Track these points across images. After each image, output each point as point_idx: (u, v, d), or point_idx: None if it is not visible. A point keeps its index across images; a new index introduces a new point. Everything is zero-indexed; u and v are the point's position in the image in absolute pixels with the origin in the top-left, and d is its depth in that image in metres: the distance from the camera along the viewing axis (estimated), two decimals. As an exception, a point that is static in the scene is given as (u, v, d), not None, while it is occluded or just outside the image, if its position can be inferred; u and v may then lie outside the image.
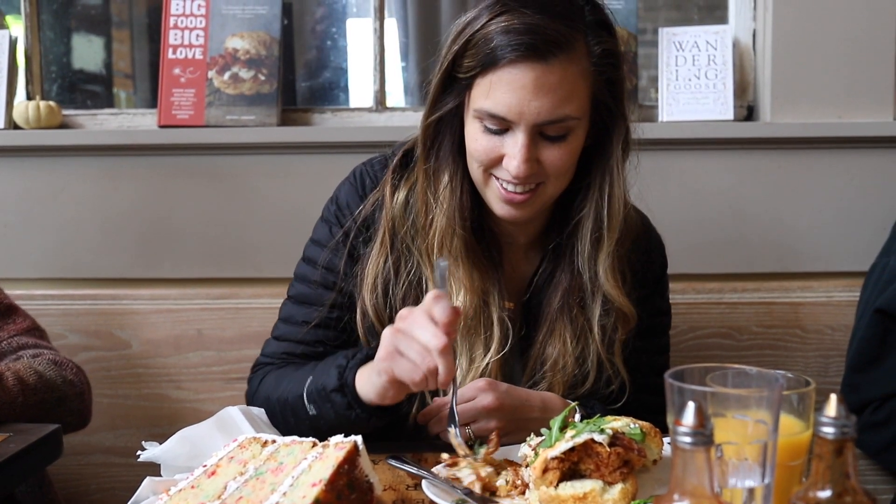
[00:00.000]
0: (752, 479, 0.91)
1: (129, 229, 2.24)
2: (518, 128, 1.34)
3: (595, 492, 1.08)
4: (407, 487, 1.23)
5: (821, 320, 2.14)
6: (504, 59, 1.31)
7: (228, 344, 2.11)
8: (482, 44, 1.33)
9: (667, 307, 1.66)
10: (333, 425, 1.35)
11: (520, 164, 1.34)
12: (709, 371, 0.97)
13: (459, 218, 1.44)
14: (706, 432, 0.79)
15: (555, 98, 1.32)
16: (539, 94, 1.31)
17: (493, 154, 1.38)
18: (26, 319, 1.81)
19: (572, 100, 1.34)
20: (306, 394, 1.40)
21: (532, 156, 1.35)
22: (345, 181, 1.58)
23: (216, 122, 2.22)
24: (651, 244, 1.62)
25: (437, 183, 1.45)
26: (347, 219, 1.52)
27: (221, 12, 2.26)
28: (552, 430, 1.15)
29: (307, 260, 1.57)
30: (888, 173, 2.18)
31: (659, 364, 1.58)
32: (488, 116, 1.35)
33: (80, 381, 1.70)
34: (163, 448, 1.25)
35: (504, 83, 1.32)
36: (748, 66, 2.28)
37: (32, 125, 2.22)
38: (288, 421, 1.44)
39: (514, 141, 1.35)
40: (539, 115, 1.33)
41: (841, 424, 0.82)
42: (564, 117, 1.34)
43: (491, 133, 1.37)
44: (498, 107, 1.33)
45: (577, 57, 1.34)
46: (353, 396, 1.35)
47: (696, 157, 2.21)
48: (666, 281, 1.65)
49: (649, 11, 2.50)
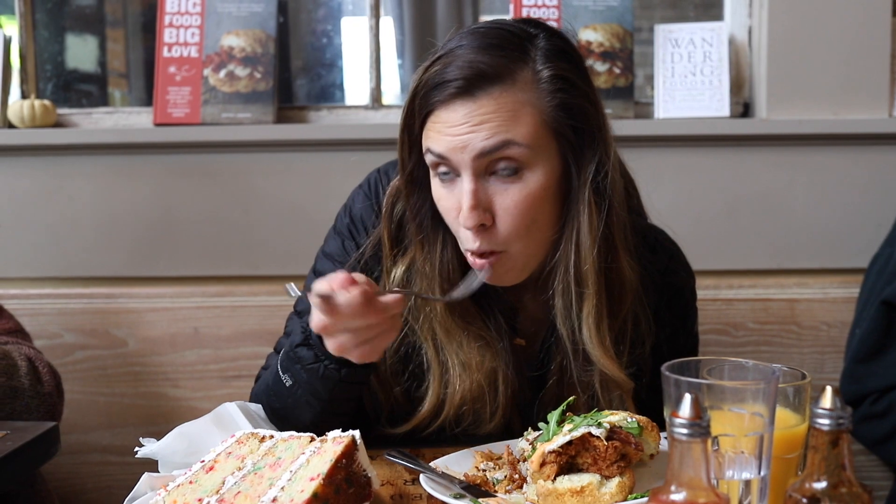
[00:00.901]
0: (749, 471, 0.91)
1: (124, 228, 2.24)
2: (462, 168, 1.24)
3: (592, 485, 1.08)
4: (405, 482, 1.23)
5: (817, 317, 2.14)
6: (434, 104, 1.25)
7: (225, 342, 2.11)
8: (421, 94, 1.27)
9: (693, 343, 1.52)
10: (308, 390, 1.31)
11: (466, 210, 1.23)
12: (705, 364, 0.98)
13: (447, 280, 1.34)
14: (703, 424, 0.79)
15: (490, 127, 1.22)
16: (472, 128, 1.22)
17: (453, 209, 1.27)
18: (10, 321, 1.80)
19: (514, 126, 1.23)
20: (279, 366, 1.35)
21: (479, 202, 1.24)
22: (358, 190, 1.50)
23: (212, 120, 2.22)
24: (678, 280, 1.46)
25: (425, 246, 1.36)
26: (361, 234, 1.45)
27: (217, 10, 2.25)
28: (550, 424, 1.15)
29: (317, 273, 1.47)
30: (884, 170, 2.19)
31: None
32: (436, 161, 1.27)
33: (50, 380, 1.67)
34: (160, 444, 1.25)
35: (439, 125, 1.25)
36: (744, 63, 2.28)
37: (27, 124, 2.22)
38: (274, 407, 1.39)
39: (461, 187, 1.25)
40: (474, 146, 1.22)
41: (836, 416, 0.82)
42: (503, 143, 1.22)
43: (445, 183, 1.28)
44: (437, 146, 1.25)
45: (518, 87, 1.24)
46: (318, 348, 1.27)
47: (692, 154, 2.21)
48: (694, 317, 1.50)
49: (645, 9, 2.51)
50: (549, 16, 2.22)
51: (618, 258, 1.31)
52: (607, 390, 1.35)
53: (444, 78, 1.24)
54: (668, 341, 1.43)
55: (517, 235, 1.27)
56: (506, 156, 1.23)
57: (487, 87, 1.23)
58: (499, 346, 1.36)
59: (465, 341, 1.35)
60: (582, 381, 1.35)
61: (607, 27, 2.23)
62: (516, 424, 1.39)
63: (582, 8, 2.23)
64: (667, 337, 1.43)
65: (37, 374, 1.66)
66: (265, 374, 1.46)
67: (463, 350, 1.35)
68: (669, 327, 1.44)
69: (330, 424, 1.26)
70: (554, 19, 2.22)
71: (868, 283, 1.91)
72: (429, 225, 1.35)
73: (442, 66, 1.25)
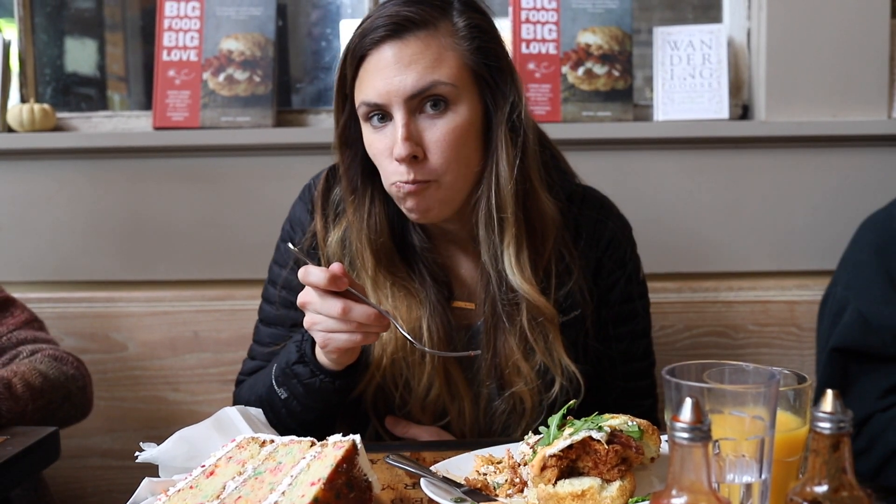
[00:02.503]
0: (750, 474, 0.91)
1: (124, 231, 2.24)
2: (393, 109, 1.36)
3: (593, 489, 1.08)
4: (405, 486, 1.23)
5: (816, 319, 2.14)
6: (366, 50, 1.37)
7: (225, 345, 2.11)
8: (352, 49, 1.40)
9: (640, 290, 1.61)
10: (305, 403, 1.40)
11: (399, 142, 1.35)
12: (706, 368, 0.98)
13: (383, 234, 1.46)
14: (703, 428, 0.79)
15: (418, 67, 1.35)
16: (401, 69, 1.35)
17: (386, 150, 1.39)
18: (24, 311, 1.81)
19: (439, 67, 1.36)
20: (274, 379, 1.43)
21: (411, 134, 1.36)
22: (297, 199, 1.61)
23: (211, 124, 2.22)
24: (610, 230, 1.55)
25: (359, 204, 1.47)
26: (300, 235, 1.55)
27: (216, 14, 2.26)
28: (550, 428, 1.15)
29: (269, 281, 1.60)
30: (883, 171, 2.19)
31: (641, 348, 1.60)
32: (368, 109, 1.39)
33: (80, 374, 1.71)
34: (161, 449, 1.25)
35: (370, 72, 1.38)
36: (743, 65, 2.28)
37: (26, 128, 2.22)
38: (268, 417, 1.44)
39: (394, 124, 1.37)
40: (405, 87, 1.35)
41: (837, 420, 0.83)
42: (432, 83, 1.35)
43: (377, 129, 1.39)
44: (370, 94, 1.37)
45: (440, 33, 1.38)
46: (314, 364, 1.38)
47: (692, 156, 2.21)
48: (635, 264, 1.59)
49: (644, 11, 2.51)
50: (547, 18, 2.22)
51: (535, 190, 1.44)
52: (535, 326, 1.45)
53: (374, 25, 1.37)
54: (616, 289, 1.54)
55: (446, 167, 1.38)
56: (434, 94, 1.36)
57: (414, 30, 1.36)
58: (422, 296, 1.48)
59: (390, 292, 1.47)
60: (510, 316, 1.45)
61: (606, 30, 2.23)
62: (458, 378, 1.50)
63: (581, 10, 2.23)
64: (613, 285, 1.54)
65: (66, 371, 1.68)
66: (253, 384, 1.52)
67: (388, 300, 1.47)
68: (613, 276, 1.54)
69: (322, 423, 1.42)
70: (553, 22, 2.22)
71: (821, 328, 1.86)
72: (358, 181, 1.46)
73: (371, 19, 1.39)
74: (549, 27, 2.22)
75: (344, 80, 1.43)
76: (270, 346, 1.56)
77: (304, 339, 1.40)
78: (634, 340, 1.59)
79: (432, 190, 1.39)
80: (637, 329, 1.60)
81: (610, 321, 1.54)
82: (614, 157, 2.20)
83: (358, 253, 1.47)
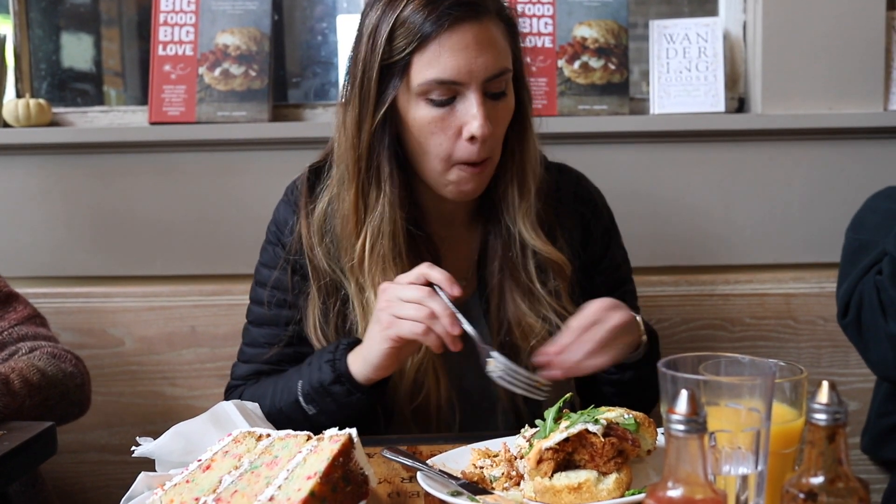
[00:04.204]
0: (746, 466, 0.91)
1: (120, 226, 2.23)
2: (469, 88, 1.39)
3: (590, 482, 1.08)
4: (402, 480, 1.23)
5: (813, 311, 2.15)
6: (443, 26, 1.37)
7: (222, 340, 2.11)
8: (411, 22, 1.38)
9: (624, 255, 1.69)
10: (335, 418, 1.39)
11: (482, 121, 1.38)
12: (702, 360, 0.98)
13: (400, 212, 1.46)
14: (699, 420, 0.79)
15: (495, 51, 1.40)
16: (482, 50, 1.38)
17: (450, 128, 1.40)
18: (27, 307, 1.80)
19: (505, 53, 1.43)
20: (302, 396, 1.44)
21: (488, 114, 1.40)
22: (280, 200, 1.62)
23: (207, 119, 2.22)
24: (592, 201, 1.65)
25: (375, 184, 1.46)
26: (286, 235, 1.56)
27: (211, 8, 2.25)
28: (546, 420, 1.15)
29: (258, 283, 1.61)
30: (878, 164, 2.19)
31: (633, 309, 1.61)
32: (437, 86, 1.38)
33: (79, 371, 1.70)
34: (157, 443, 1.25)
35: (447, 48, 1.37)
36: (739, 59, 2.28)
37: (22, 123, 2.21)
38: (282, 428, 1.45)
39: (468, 104, 1.39)
40: (487, 69, 1.38)
41: (833, 411, 0.83)
42: (504, 69, 1.41)
43: (440, 105, 1.40)
44: (447, 72, 1.37)
45: (494, 16, 1.42)
46: (351, 383, 1.40)
47: (688, 150, 2.21)
48: (616, 230, 1.68)
49: (640, 5, 2.50)
50: (543, 12, 2.22)
51: (542, 162, 1.55)
52: (542, 280, 1.51)
53: (449, 2, 1.37)
54: (607, 256, 1.63)
55: (500, 146, 1.47)
56: (502, 79, 1.42)
57: (487, 15, 1.41)
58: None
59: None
60: (515, 276, 1.51)
61: (602, 23, 2.23)
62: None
63: (577, 4, 2.23)
64: (604, 253, 1.62)
65: (65, 369, 1.67)
66: (262, 395, 1.51)
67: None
68: (602, 242, 1.63)
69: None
70: (549, 15, 2.22)
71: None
72: (393, 166, 1.45)
73: (421, 2, 1.38)
74: (545, 21, 2.22)
75: (389, 52, 1.40)
76: (266, 347, 1.57)
77: (337, 360, 1.41)
78: (628, 303, 1.61)
79: (487, 167, 1.46)
80: (628, 291, 1.66)
81: (603, 287, 1.58)
82: (610, 150, 2.20)
83: (371, 237, 1.46)
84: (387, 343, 1.34)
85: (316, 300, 1.52)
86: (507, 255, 1.52)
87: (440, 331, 1.30)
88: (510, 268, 1.51)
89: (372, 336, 1.38)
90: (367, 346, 1.39)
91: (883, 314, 1.68)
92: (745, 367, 0.98)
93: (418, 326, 1.31)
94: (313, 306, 1.52)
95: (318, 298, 1.52)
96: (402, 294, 1.32)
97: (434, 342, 1.32)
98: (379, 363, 1.37)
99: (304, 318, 1.53)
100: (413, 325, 1.31)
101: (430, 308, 1.30)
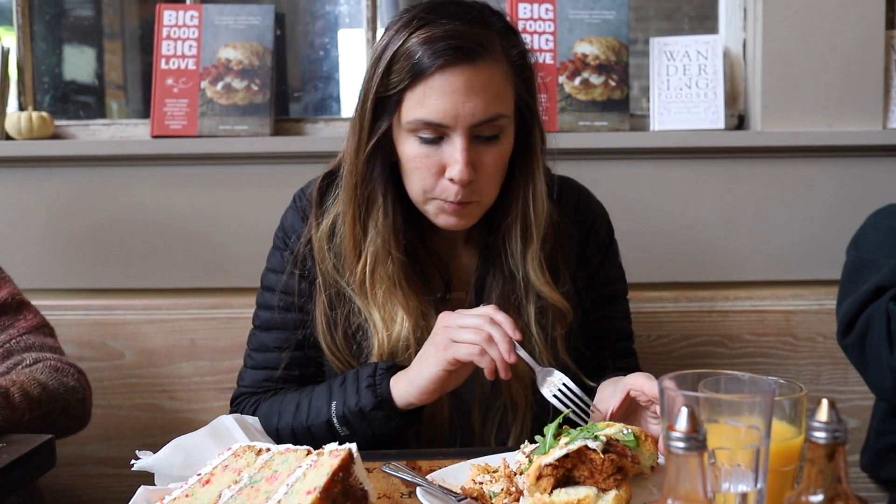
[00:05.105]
0: (745, 484, 0.91)
1: (121, 239, 2.24)
2: (455, 132, 1.37)
3: (589, 498, 1.08)
4: (402, 495, 1.23)
5: (812, 328, 2.15)
6: (433, 67, 1.35)
7: (221, 354, 2.11)
8: (407, 58, 1.37)
9: (621, 273, 1.67)
10: (367, 440, 1.41)
11: (462, 167, 1.37)
12: (701, 377, 0.98)
13: (394, 241, 1.46)
14: (699, 437, 0.79)
15: (486, 97, 1.36)
16: (471, 95, 1.35)
17: (433, 166, 1.40)
18: (36, 316, 1.81)
19: (502, 98, 1.39)
20: (337, 419, 1.44)
21: (471, 159, 1.38)
22: (289, 207, 1.62)
23: (209, 133, 2.23)
24: (592, 216, 1.63)
25: (369, 211, 1.47)
26: (294, 241, 1.56)
27: (214, 23, 2.26)
28: (546, 436, 1.15)
29: (265, 288, 1.61)
30: (878, 182, 2.20)
31: (625, 328, 1.65)
32: (424, 126, 1.38)
33: (81, 385, 1.70)
34: (156, 457, 1.25)
35: (435, 90, 1.36)
36: (739, 76, 2.29)
37: (25, 136, 2.22)
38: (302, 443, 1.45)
39: (453, 147, 1.38)
40: (474, 115, 1.36)
41: (832, 429, 0.82)
42: (496, 115, 1.38)
43: (427, 143, 1.39)
44: (433, 114, 1.36)
45: (498, 59, 1.39)
46: (392, 409, 1.41)
47: (688, 166, 2.22)
48: (615, 247, 1.66)
49: (640, 22, 2.52)
50: (544, 29, 2.23)
51: (549, 205, 1.50)
52: (539, 321, 1.49)
53: (443, 43, 1.34)
54: (601, 272, 1.60)
55: (490, 189, 1.44)
56: (493, 125, 1.39)
57: (482, 53, 1.37)
58: (427, 295, 1.51)
59: (409, 302, 1.48)
60: (517, 310, 1.49)
61: (602, 40, 2.24)
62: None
63: (577, 21, 2.24)
64: (597, 269, 1.60)
65: (66, 383, 1.67)
66: (282, 410, 1.51)
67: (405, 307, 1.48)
68: (596, 259, 1.60)
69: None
70: (550, 32, 2.23)
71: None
72: (385, 189, 1.45)
73: (428, 32, 1.35)
74: (546, 37, 2.23)
75: (384, 85, 1.39)
76: (276, 351, 1.56)
77: (378, 385, 1.41)
78: (620, 321, 1.64)
79: (472, 208, 1.44)
80: (622, 309, 1.66)
81: (594, 302, 1.58)
82: (611, 166, 2.20)
83: (371, 259, 1.46)
84: (441, 366, 1.34)
85: (324, 305, 1.52)
86: (508, 300, 1.50)
87: (496, 355, 1.31)
88: (507, 308, 1.48)
89: (425, 358, 1.37)
90: (418, 369, 1.38)
91: (889, 344, 1.67)
92: (745, 384, 0.98)
93: (475, 348, 1.31)
94: (321, 311, 1.52)
95: (326, 303, 1.52)
96: (462, 321, 1.33)
97: (488, 365, 1.32)
98: (426, 387, 1.37)
99: (313, 322, 1.53)
100: (470, 347, 1.32)
101: (488, 332, 1.31)
